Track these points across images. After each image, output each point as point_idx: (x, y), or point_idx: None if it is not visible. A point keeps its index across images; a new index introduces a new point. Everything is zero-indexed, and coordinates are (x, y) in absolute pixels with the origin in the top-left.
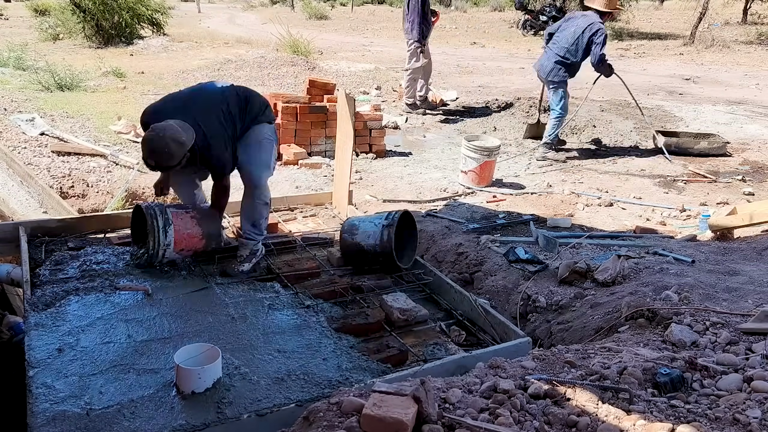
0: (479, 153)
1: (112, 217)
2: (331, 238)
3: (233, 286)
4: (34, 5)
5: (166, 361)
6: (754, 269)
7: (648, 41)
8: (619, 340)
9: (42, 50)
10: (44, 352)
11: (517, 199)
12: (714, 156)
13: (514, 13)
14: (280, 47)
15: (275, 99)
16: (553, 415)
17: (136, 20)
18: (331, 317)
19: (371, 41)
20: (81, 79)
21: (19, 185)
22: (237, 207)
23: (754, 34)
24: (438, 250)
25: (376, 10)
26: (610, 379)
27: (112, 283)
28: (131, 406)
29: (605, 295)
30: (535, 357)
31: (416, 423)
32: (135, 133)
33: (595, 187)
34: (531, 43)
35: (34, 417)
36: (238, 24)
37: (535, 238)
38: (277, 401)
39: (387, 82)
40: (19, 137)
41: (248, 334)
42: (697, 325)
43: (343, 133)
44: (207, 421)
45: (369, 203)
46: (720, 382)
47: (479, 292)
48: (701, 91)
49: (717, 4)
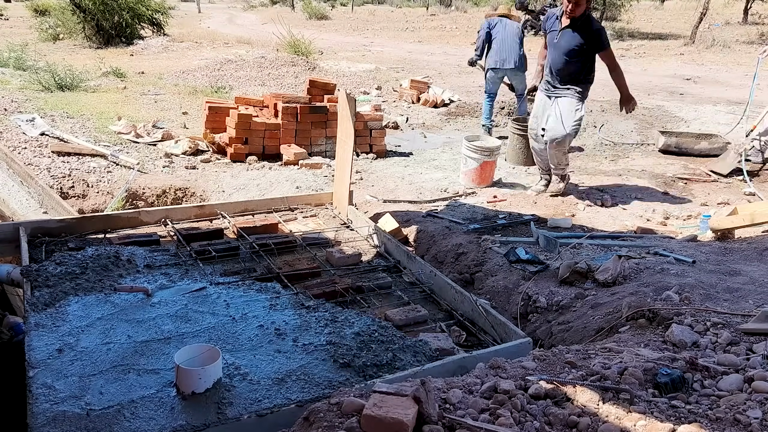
0: (480, 153)
1: (113, 217)
2: (331, 239)
3: (233, 286)
4: (34, 5)
5: (166, 361)
6: (754, 270)
7: (648, 41)
8: (619, 341)
9: (42, 50)
10: (44, 352)
11: (517, 199)
12: (715, 156)
13: (514, 14)
14: (280, 47)
15: (275, 99)
16: (553, 415)
17: (137, 20)
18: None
19: (372, 41)
20: (81, 80)
21: (20, 185)
22: (237, 207)
23: (754, 34)
24: (438, 250)
25: (377, 10)
26: (611, 379)
27: (113, 283)
28: (131, 406)
29: (606, 296)
30: (536, 357)
31: (417, 423)
32: (135, 133)
33: (596, 188)
34: (531, 43)
35: (34, 417)
36: (239, 24)
37: (535, 238)
38: (278, 402)
39: (387, 83)
40: (19, 137)
41: (248, 335)
42: (698, 325)
43: (343, 132)
44: (207, 422)
45: (369, 203)
46: (721, 382)
47: (480, 293)
48: (702, 91)
49: (718, 4)
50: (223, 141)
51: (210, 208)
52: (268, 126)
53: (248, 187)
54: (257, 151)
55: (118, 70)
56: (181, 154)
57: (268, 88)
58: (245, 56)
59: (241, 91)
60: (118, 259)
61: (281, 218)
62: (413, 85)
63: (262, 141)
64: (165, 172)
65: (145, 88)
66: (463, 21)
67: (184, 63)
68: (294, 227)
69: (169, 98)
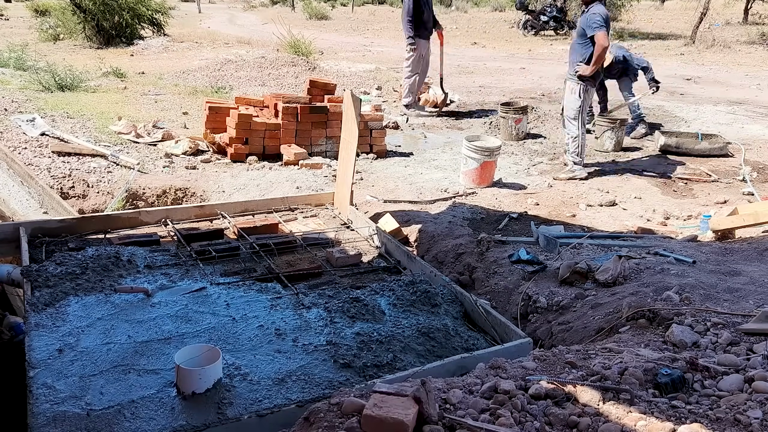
0: (480, 153)
1: (113, 217)
2: (331, 239)
3: (233, 287)
4: (34, 5)
5: (166, 361)
6: (755, 270)
7: (649, 41)
8: (620, 341)
9: (42, 50)
10: (45, 352)
11: (517, 199)
12: (715, 156)
13: (515, 14)
14: (280, 47)
15: (276, 99)
16: (554, 415)
17: (137, 20)
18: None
19: (372, 41)
20: (81, 80)
21: (20, 186)
22: (238, 207)
23: (755, 34)
24: (438, 250)
25: (377, 10)
26: (611, 379)
27: (113, 283)
28: (131, 406)
29: (606, 296)
30: (536, 357)
31: (417, 423)
32: (135, 133)
33: (596, 188)
34: (532, 43)
35: (34, 417)
36: (239, 24)
37: (535, 238)
38: (278, 402)
39: (388, 83)
40: (19, 137)
41: (248, 335)
42: (698, 325)
43: (347, 133)
44: (207, 422)
45: (370, 203)
46: (721, 382)
47: (480, 293)
48: (702, 91)
49: (718, 4)
50: (224, 141)
51: (210, 209)
52: (268, 126)
53: (248, 188)
54: (257, 151)
55: (118, 71)
56: (182, 154)
57: (268, 88)
58: (245, 56)
59: (241, 91)
60: (118, 260)
61: (281, 218)
62: None
63: (263, 141)
64: (165, 173)
65: (146, 88)
66: (463, 21)
67: (184, 63)
68: (294, 227)
69: (169, 98)
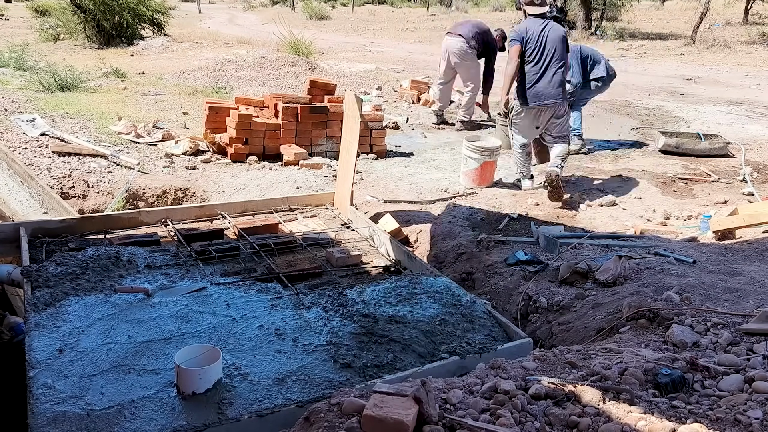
0: (480, 153)
1: (113, 217)
2: (331, 239)
3: (234, 287)
4: (34, 5)
5: (166, 361)
6: (755, 270)
7: (649, 41)
8: (620, 341)
9: (42, 50)
10: (45, 352)
11: (517, 200)
12: (715, 156)
13: (515, 14)
14: (280, 47)
15: (276, 99)
16: (554, 415)
17: (137, 21)
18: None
19: (372, 41)
20: (81, 80)
21: (20, 186)
22: (238, 207)
23: (755, 34)
24: (439, 250)
25: (377, 10)
26: (612, 379)
27: (113, 283)
28: (132, 406)
29: (606, 296)
30: (536, 358)
31: (417, 424)
32: (135, 133)
33: (596, 188)
34: None
35: (34, 417)
36: (239, 24)
37: (535, 238)
38: (278, 402)
39: (388, 83)
40: (19, 138)
41: (249, 335)
42: (699, 325)
43: (348, 133)
44: (207, 422)
45: (370, 204)
46: (721, 382)
47: (480, 293)
48: (702, 91)
49: (718, 5)
50: (224, 141)
51: (210, 209)
52: (268, 126)
53: (248, 188)
54: (258, 152)
55: (118, 71)
56: (182, 154)
57: (268, 88)
58: (245, 56)
59: (241, 91)
60: (118, 260)
61: (281, 218)
62: (414, 86)
63: (263, 141)
64: (165, 173)
65: (146, 89)
66: None
67: (184, 63)
68: (294, 227)
69: (169, 98)
